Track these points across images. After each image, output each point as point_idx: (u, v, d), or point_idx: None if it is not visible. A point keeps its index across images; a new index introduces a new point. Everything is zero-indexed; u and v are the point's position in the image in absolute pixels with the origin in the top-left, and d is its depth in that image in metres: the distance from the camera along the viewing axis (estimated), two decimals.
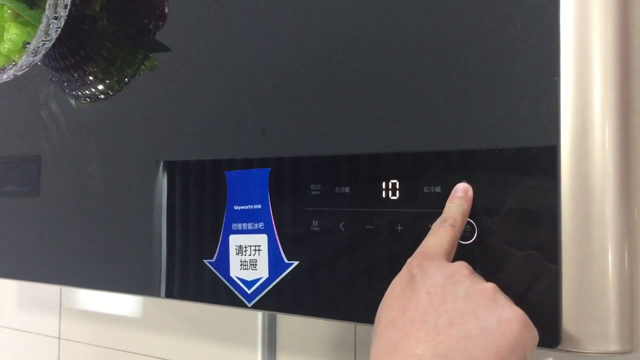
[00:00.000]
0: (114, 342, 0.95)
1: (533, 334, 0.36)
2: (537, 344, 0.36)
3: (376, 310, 0.40)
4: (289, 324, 0.78)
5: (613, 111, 0.38)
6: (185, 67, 0.59)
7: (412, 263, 0.40)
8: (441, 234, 0.41)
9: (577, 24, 0.39)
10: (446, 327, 0.35)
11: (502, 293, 0.37)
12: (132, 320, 0.93)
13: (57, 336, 1.03)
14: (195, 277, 0.56)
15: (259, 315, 0.79)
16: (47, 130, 0.70)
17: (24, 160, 0.72)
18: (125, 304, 0.94)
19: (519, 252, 0.41)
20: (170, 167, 0.59)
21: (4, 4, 0.59)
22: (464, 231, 0.42)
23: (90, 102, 0.66)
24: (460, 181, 0.43)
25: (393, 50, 0.46)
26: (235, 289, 0.53)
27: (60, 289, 1.03)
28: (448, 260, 0.40)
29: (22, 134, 0.73)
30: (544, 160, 0.40)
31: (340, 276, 0.48)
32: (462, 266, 0.38)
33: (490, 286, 0.37)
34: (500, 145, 0.42)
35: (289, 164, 0.51)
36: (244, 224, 0.53)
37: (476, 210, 0.42)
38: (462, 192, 0.43)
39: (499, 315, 0.35)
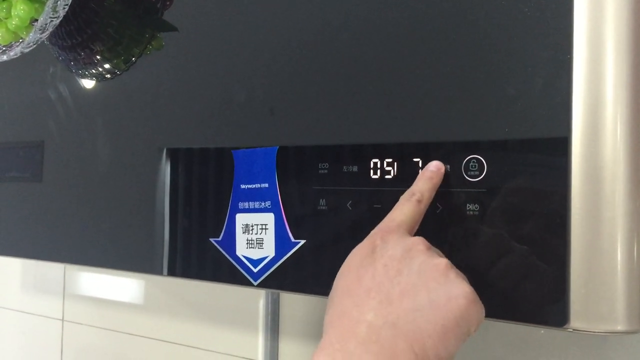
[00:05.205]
0: (117, 324, 0.95)
1: (479, 311, 0.37)
2: (482, 321, 0.38)
3: None
4: (292, 308, 0.78)
5: (625, 90, 0.38)
6: (192, 46, 0.59)
7: (375, 235, 0.41)
8: (407, 208, 0.42)
9: (591, 2, 0.39)
10: (398, 298, 0.37)
11: (455, 269, 0.39)
12: (135, 305, 0.93)
13: (61, 318, 1.03)
14: (202, 256, 0.56)
15: (262, 299, 0.79)
16: (51, 113, 0.70)
17: (27, 145, 0.72)
18: (128, 288, 0.94)
19: (528, 231, 0.41)
20: (177, 146, 0.59)
21: None
22: (474, 209, 0.42)
23: (96, 81, 0.66)
24: (470, 160, 0.43)
25: (404, 29, 0.46)
26: (241, 267, 0.53)
27: (64, 271, 1.03)
28: (410, 234, 0.42)
29: (25, 119, 0.73)
30: (555, 139, 0.40)
31: (347, 255, 0.48)
32: (419, 241, 0.40)
33: (444, 262, 0.38)
34: (512, 123, 0.42)
35: (296, 142, 0.51)
36: (250, 203, 0.53)
37: (485, 186, 0.42)
38: (434, 167, 0.44)
39: (448, 291, 0.37)
